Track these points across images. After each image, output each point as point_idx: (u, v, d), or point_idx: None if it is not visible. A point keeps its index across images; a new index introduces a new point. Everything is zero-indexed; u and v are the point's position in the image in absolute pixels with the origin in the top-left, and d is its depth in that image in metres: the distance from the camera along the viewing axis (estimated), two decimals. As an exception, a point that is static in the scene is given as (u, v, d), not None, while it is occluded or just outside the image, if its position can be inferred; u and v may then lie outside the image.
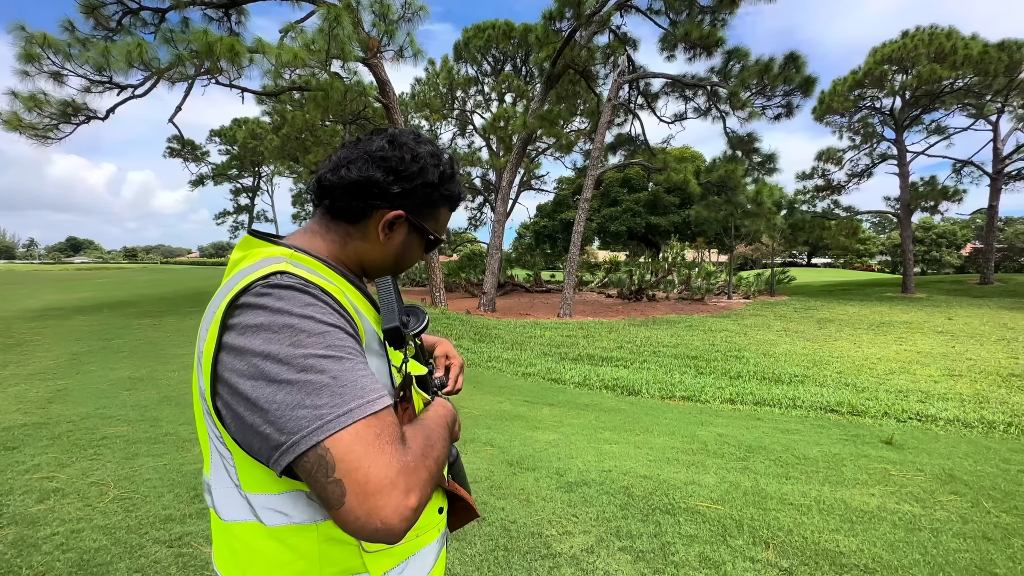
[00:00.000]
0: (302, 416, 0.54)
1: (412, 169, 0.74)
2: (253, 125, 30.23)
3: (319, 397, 0.54)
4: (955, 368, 7.50)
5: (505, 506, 2.59)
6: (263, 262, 0.66)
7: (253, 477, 0.64)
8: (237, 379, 0.57)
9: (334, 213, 0.75)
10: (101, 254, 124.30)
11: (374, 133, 0.78)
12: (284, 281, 0.61)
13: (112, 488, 2.66)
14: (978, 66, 17.49)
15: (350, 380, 0.57)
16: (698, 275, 19.48)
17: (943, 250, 49.11)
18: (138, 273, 37.80)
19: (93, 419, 3.91)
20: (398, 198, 0.74)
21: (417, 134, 0.78)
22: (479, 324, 11.28)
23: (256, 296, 0.60)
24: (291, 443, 0.53)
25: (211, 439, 0.67)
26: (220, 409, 0.61)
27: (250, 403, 0.56)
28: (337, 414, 0.54)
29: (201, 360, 0.63)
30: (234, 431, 0.60)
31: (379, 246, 0.77)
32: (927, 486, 3.00)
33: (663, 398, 5.69)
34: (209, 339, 0.62)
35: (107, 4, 10.01)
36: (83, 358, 6.53)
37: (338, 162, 0.74)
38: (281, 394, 0.55)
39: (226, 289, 0.64)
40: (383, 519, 0.52)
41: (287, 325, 0.57)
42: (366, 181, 0.72)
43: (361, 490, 0.52)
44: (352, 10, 10.38)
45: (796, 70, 13.26)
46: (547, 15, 13.77)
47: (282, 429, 0.54)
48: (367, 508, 0.52)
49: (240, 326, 0.59)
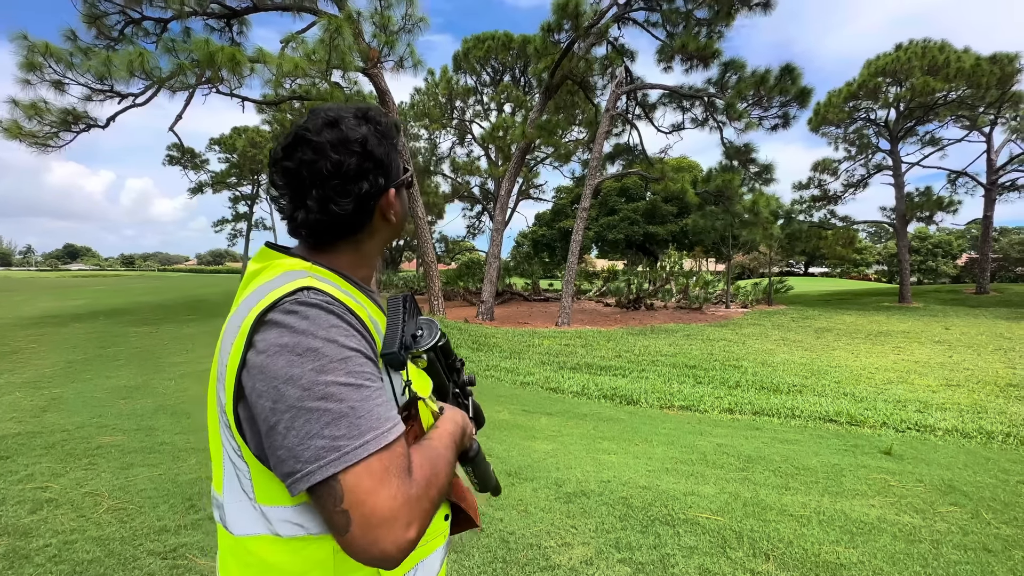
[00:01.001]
0: (320, 446, 0.55)
1: (379, 151, 0.72)
2: (253, 133, 30.38)
3: (337, 428, 0.56)
4: (953, 378, 7.51)
5: (503, 517, 2.57)
6: (285, 276, 0.67)
7: (269, 489, 0.64)
8: (257, 399, 0.59)
9: (340, 236, 0.74)
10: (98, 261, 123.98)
11: (298, 143, 0.70)
12: (311, 299, 0.62)
13: (106, 498, 2.63)
14: (971, 79, 17.73)
15: (367, 410, 0.58)
16: (696, 284, 19.53)
17: (939, 260, 49.35)
18: (135, 280, 37.69)
19: (88, 428, 3.88)
20: (386, 181, 0.74)
21: (337, 113, 0.72)
22: (477, 333, 11.26)
23: (283, 314, 0.61)
24: (306, 472, 0.55)
25: (226, 452, 0.68)
26: (242, 423, 0.63)
27: (269, 425, 0.58)
28: (354, 446, 0.56)
29: (224, 373, 0.64)
30: (254, 447, 0.63)
31: (389, 227, 0.78)
32: (927, 497, 2.99)
33: (662, 408, 5.68)
34: (234, 353, 0.62)
35: (110, 14, 10.09)
36: (79, 366, 6.49)
37: (322, 198, 0.69)
38: (300, 421, 0.56)
39: (250, 303, 0.65)
40: (382, 550, 0.55)
41: (311, 348, 0.58)
42: (363, 196, 0.71)
43: (365, 522, 0.54)
44: (353, 21, 10.49)
45: (792, 82, 13.42)
46: (545, 27, 13.92)
47: (298, 457, 0.56)
48: (369, 539, 0.55)
49: (264, 345, 0.60)
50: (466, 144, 26.33)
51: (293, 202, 0.71)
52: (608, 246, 30.43)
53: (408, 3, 10.34)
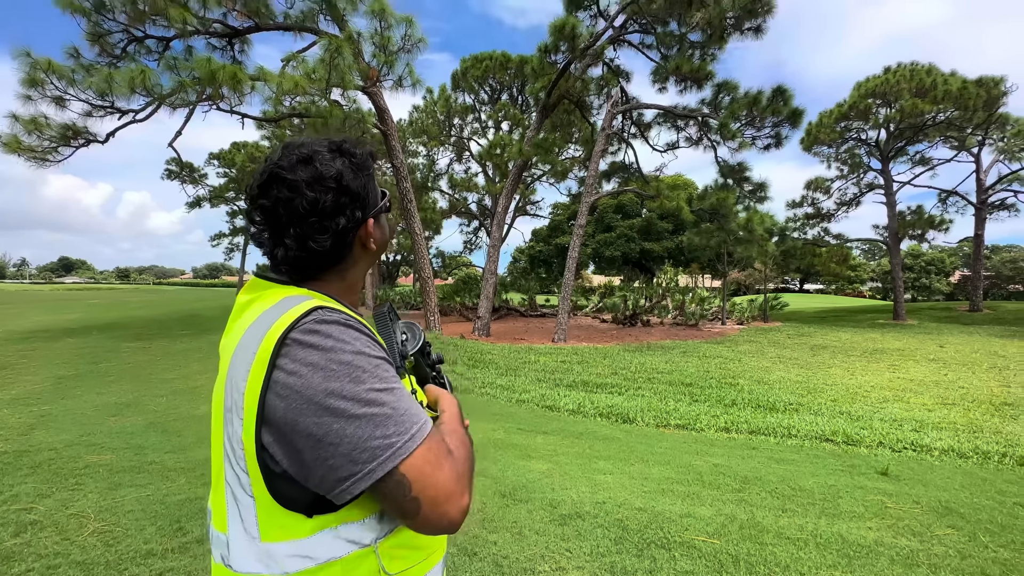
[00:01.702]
0: (376, 446, 0.60)
1: (356, 185, 0.73)
2: (252, 149, 30.56)
3: (386, 428, 0.61)
4: (948, 396, 7.51)
5: (497, 540, 2.53)
6: (287, 301, 0.68)
7: (277, 524, 0.64)
8: (297, 416, 0.60)
9: (323, 268, 0.75)
10: (93, 274, 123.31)
11: (272, 180, 0.70)
12: (330, 317, 0.65)
13: (92, 520, 2.58)
14: (958, 101, 18.13)
15: (404, 408, 0.64)
16: (692, 301, 19.58)
17: (932, 277, 49.77)
18: (130, 294, 37.48)
19: (76, 447, 3.82)
20: (364, 212, 0.75)
21: (311, 148, 0.72)
22: (473, 349, 11.22)
23: (306, 334, 0.63)
24: (367, 471, 0.60)
25: (230, 488, 0.67)
26: (269, 448, 0.63)
27: (316, 439, 0.60)
28: (404, 441, 0.62)
29: (242, 401, 0.64)
30: (288, 465, 0.63)
31: (370, 254, 0.80)
32: (924, 519, 2.97)
33: (658, 426, 5.64)
34: (253, 379, 0.63)
35: (113, 32, 10.23)
36: (69, 382, 6.42)
37: (300, 235, 0.69)
38: (351, 428, 0.60)
39: (261, 328, 0.65)
40: (451, 519, 0.63)
41: (343, 363, 0.62)
42: (342, 231, 0.72)
43: (433, 502, 0.62)
44: (353, 41, 10.67)
45: (784, 102, 13.68)
46: (542, 48, 14.20)
47: (355, 460, 0.59)
48: (439, 514, 0.63)
49: (294, 365, 0.62)
50: (464, 161, 26.60)
51: (272, 239, 0.71)
52: (605, 262, 30.56)
53: (408, 25, 10.54)
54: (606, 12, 14.44)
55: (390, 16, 10.46)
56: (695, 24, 13.20)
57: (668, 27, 14.02)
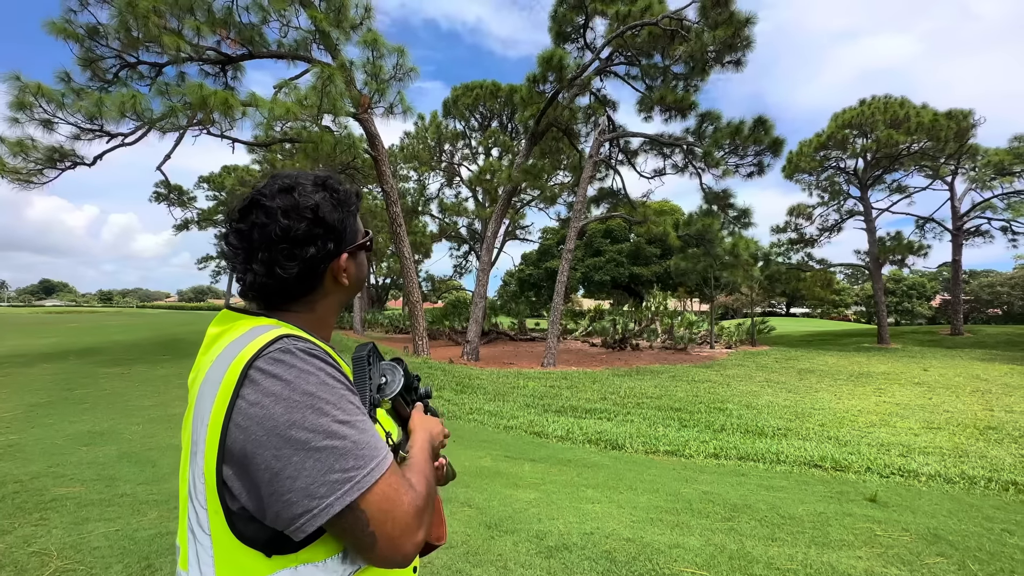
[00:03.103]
0: (335, 480, 0.59)
1: (332, 218, 0.74)
2: (243, 172, 30.62)
3: (346, 461, 0.60)
4: (934, 420, 7.56)
5: (481, 574, 2.45)
6: (255, 331, 0.68)
7: (234, 565, 0.62)
8: (256, 448, 0.59)
9: (292, 298, 0.76)
10: (75, 297, 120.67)
11: (252, 206, 0.72)
12: (293, 346, 0.64)
13: (55, 559, 2.45)
14: (930, 132, 18.90)
15: (365, 442, 0.63)
16: (680, 324, 19.69)
17: (914, 301, 50.75)
18: (112, 317, 36.68)
19: (44, 478, 3.66)
20: (337, 246, 0.75)
21: (295, 179, 0.74)
22: (462, 374, 11.10)
23: (270, 363, 0.62)
24: (325, 506, 0.58)
25: (190, 524, 0.66)
26: (228, 482, 0.62)
27: (273, 472, 0.58)
28: (363, 475, 0.61)
29: (205, 434, 0.63)
30: (247, 500, 0.61)
31: (343, 289, 0.79)
32: (913, 547, 2.95)
33: (647, 453, 5.58)
34: (216, 411, 0.62)
35: (106, 58, 10.32)
36: (41, 410, 6.19)
37: (268, 260, 0.70)
38: (310, 461, 0.59)
39: (227, 358, 0.65)
40: (404, 554, 0.63)
41: (307, 392, 0.61)
42: (310, 260, 0.72)
43: (389, 536, 0.62)
44: (345, 69, 10.88)
45: (765, 132, 14.13)
46: (531, 78, 14.60)
47: (313, 495, 0.58)
48: (393, 548, 0.62)
49: (257, 395, 0.61)
50: (454, 186, 26.91)
51: (244, 263, 0.72)
52: (595, 286, 30.71)
53: (399, 54, 10.79)
54: (592, 45, 14.95)
55: (382, 46, 10.71)
56: (678, 57, 13.71)
57: (652, 59, 14.53)
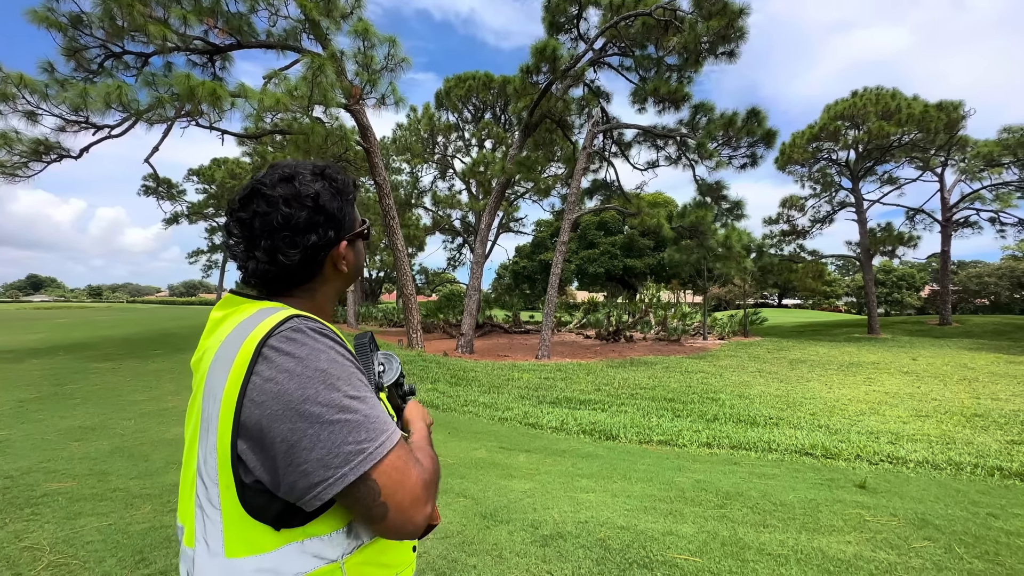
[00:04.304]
0: (349, 451, 0.62)
1: (332, 206, 0.76)
2: (233, 165, 30.28)
3: (359, 433, 0.63)
4: (922, 409, 7.68)
5: (477, 563, 2.47)
6: (263, 312, 0.70)
7: (243, 539, 0.64)
8: (272, 423, 0.61)
9: (293, 284, 0.78)
10: (63, 292, 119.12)
11: (253, 195, 0.74)
12: (305, 325, 0.67)
13: (47, 553, 2.43)
14: (921, 124, 19.00)
15: (376, 416, 0.65)
16: (674, 316, 19.80)
17: (904, 292, 51.35)
18: (102, 312, 36.29)
19: (35, 474, 3.63)
20: (337, 233, 0.78)
21: (294, 169, 0.76)
22: (456, 367, 11.11)
23: (281, 342, 0.65)
24: (340, 476, 0.61)
25: (199, 500, 0.67)
26: (243, 455, 0.64)
27: (290, 444, 0.61)
28: (376, 446, 0.63)
29: (218, 412, 0.65)
30: (261, 473, 0.63)
31: (341, 276, 0.82)
32: (901, 532, 3.00)
33: (640, 443, 5.63)
34: (230, 388, 0.64)
35: (90, 48, 10.10)
36: (31, 405, 6.13)
37: (271, 248, 0.72)
38: (325, 433, 0.61)
39: (236, 341, 0.67)
40: (415, 525, 0.66)
41: (319, 369, 0.64)
42: (311, 247, 0.74)
43: (399, 507, 0.64)
44: (336, 60, 10.73)
45: (758, 124, 14.14)
46: (524, 69, 14.49)
47: (328, 465, 0.61)
48: (403, 519, 0.65)
49: (271, 372, 0.63)
50: (448, 178, 26.73)
51: (246, 251, 0.74)
52: (589, 279, 30.80)
53: (391, 45, 10.66)
54: (586, 35, 14.85)
55: (373, 36, 10.57)
56: (671, 48, 13.65)
57: (646, 50, 14.46)
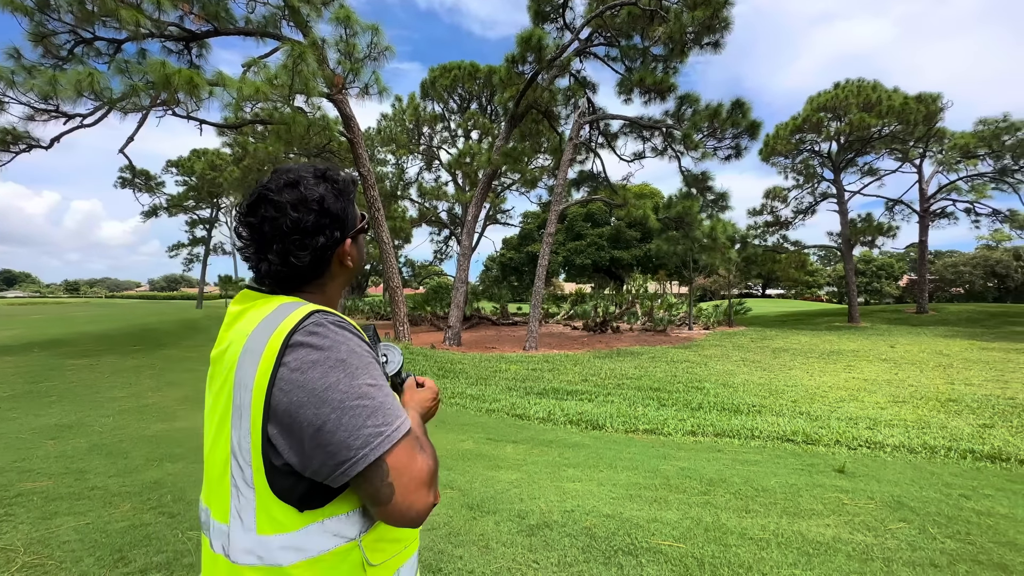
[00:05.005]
0: (368, 433, 0.67)
1: (336, 208, 0.82)
2: (213, 156, 29.55)
3: (376, 418, 0.68)
4: (899, 395, 7.89)
5: (463, 555, 2.47)
6: (284, 307, 0.76)
7: (271, 518, 0.70)
8: (299, 409, 0.67)
9: (304, 282, 0.83)
10: (39, 288, 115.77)
11: (260, 201, 0.78)
12: (326, 319, 0.74)
13: (21, 554, 2.38)
14: (900, 116, 19.32)
15: (390, 403, 0.71)
16: (660, 307, 19.99)
17: (883, 281, 52.54)
18: (78, 308, 35.39)
19: (8, 473, 3.53)
20: (342, 233, 0.84)
21: (297, 174, 0.81)
22: (444, 359, 11.08)
23: (306, 335, 0.71)
24: (361, 455, 0.67)
25: (235, 480, 0.72)
26: (274, 440, 0.69)
27: (315, 428, 0.67)
28: (392, 430, 0.69)
29: (249, 399, 0.71)
30: (290, 456, 0.69)
31: (347, 271, 0.88)
32: (878, 514, 3.08)
33: (626, 432, 5.69)
34: (260, 379, 0.70)
35: (59, 33, 9.73)
36: (4, 404, 5.96)
37: (282, 251, 0.78)
38: (346, 417, 0.67)
39: (264, 334, 0.73)
40: (417, 511, 0.70)
41: (340, 360, 0.70)
42: (320, 248, 0.80)
43: (405, 490, 0.69)
44: (317, 48, 10.49)
45: (742, 115, 14.24)
46: (510, 58, 14.34)
47: (350, 446, 0.66)
48: (407, 503, 0.69)
49: (298, 363, 0.69)
50: (433, 169, 26.49)
51: (257, 254, 0.79)
52: (576, 270, 30.88)
53: (374, 33, 10.45)
54: (572, 25, 14.75)
55: (355, 23, 10.35)
56: (657, 38, 13.63)
57: (632, 40, 14.42)
